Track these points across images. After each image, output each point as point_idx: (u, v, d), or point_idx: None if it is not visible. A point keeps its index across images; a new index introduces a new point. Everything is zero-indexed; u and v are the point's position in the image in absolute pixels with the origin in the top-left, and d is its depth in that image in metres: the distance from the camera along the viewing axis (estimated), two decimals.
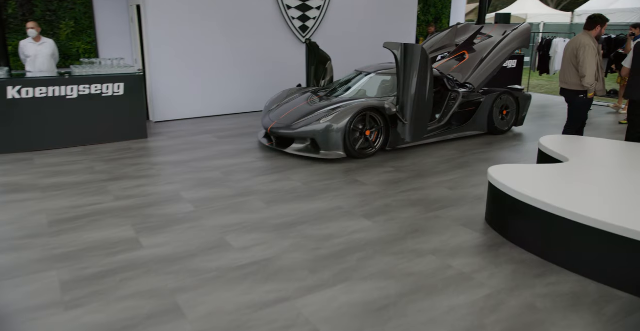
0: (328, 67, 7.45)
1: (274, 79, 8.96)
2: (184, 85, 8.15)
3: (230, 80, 8.57)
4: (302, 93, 6.92)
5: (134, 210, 4.29)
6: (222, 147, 6.42)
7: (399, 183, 4.99)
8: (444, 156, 6.01)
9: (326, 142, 5.63)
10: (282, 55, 8.93)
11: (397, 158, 5.92)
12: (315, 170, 5.41)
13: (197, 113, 8.41)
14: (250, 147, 6.45)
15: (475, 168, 5.53)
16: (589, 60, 4.98)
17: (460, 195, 4.63)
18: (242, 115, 8.74)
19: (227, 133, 7.22)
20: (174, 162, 5.77)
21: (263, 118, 6.53)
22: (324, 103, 6.21)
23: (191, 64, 8.13)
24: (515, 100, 7.14)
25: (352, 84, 6.68)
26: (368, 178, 5.16)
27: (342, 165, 5.63)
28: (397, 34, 10.29)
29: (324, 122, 5.62)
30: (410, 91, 5.63)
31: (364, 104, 5.72)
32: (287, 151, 5.92)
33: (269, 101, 6.90)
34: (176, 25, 7.85)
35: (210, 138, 6.95)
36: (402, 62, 5.58)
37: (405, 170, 5.45)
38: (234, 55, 8.48)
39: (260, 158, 5.91)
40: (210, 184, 4.96)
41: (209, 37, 8.17)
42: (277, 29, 8.77)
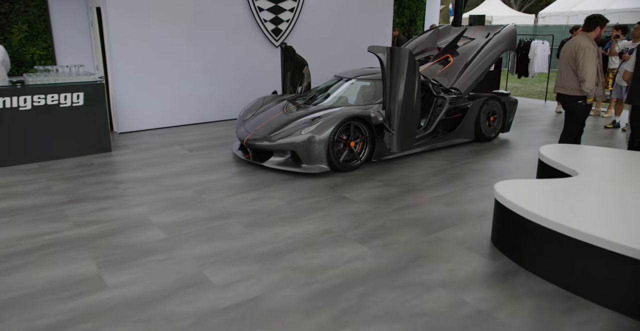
0: (305, 72, 7.02)
1: (246, 85, 8.47)
2: (150, 93, 7.58)
3: (199, 87, 8.03)
4: (278, 101, 6.47)
5: (96, 239, 3.75)
6: (193, 161, 5.89)
7: (390, 200, 4.59)
8: (433, 167, 5.66)
9: (308, 154, 5.19)
10: (254, 60, 8.46)
11: (383, 170, 5.53)
12: (298, 186, 4.97)
13: (165, 123, 7.84)
14: (225, 160, 5.95)
15: (469, 180, 5.19)
16: (589, 63, 4.72)
17: (459, 213, 4.27)
18: (214, 124, 8.21)
19: (198, 145, 6.69)
20: (141, 179, 5.22)
21: (237, 128, 6.04)
22: (303, 112, 5.78)
23: (157, 70, 7.56)
24: (502, 106, 6.88)
25: (332, 91, 6.27)
26: (356, 194, 4.75)
27: (326, 179, 5.20)
28: (373, 36, 9.95)
29: (305, 133, 5.19)
30: (397, 98, 5.25)
31: (348, 113, 5.32)
32: (265, 165, 5.45)
33: (243, 110, 6.42)
34: (140, 29, 7.27)
35: (181, 150, 6.41)
36: (388, 66, 5.21)
37: (394, 184, 5.07)
38: (203, 61, 7.95)
39: (237, 173, 5.43)
40: (182, 205, 4.45)
41: (176, 41, 7.62)
42: (249, 32, 8.28)
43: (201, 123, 8.19)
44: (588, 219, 3.03)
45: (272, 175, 5.33)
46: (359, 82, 6.22)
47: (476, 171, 5.51)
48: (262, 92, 8.52)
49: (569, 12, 23.86)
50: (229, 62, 8.20)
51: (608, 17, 20.55)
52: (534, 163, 5.80)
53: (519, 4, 36.51)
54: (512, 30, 6.86)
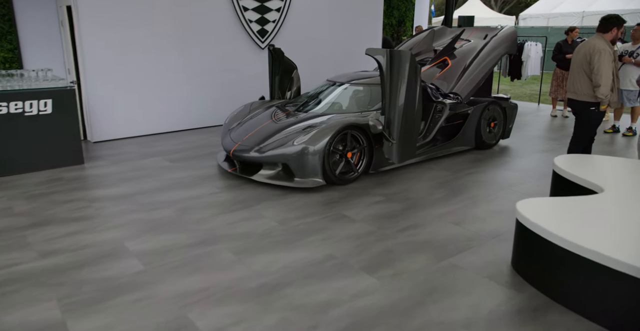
0: (294, 76, 6.57)
1: (230, 90, 7.98)
2: (126, 98, 7.03)
3: (180, 92, 7.52)
4: (266, 107, 6.01)
5: (62, 273, 3.25)
6: (175, 174, 5.39)
7: (394, 218, 4.17)
8: (435, 178, 5.26)
9: (302, 167, 4.75)
10: (239, 63, 7.97)
11: (382, 183, 5.12)
12: (291, 203, 4.52)
13: (143, 131, 7.31)
14: (209, 172, 5.46)
15: (475, 193, 4.80)
16: (605, 67, 4.37)
17: (470, 233, 3.87)
18: (197, 131, 7.70)
19: (180, 156, 6.18)
20: (116, 196, 4.71)
21: (223, 138, 5.56)
22: (295, 120, 5.33)
23: (134, 74, 7.02)
24: (503, 111, 6.53)
25: (324, 96, 5.83)
26: (356, 211, 4.32)
27: (321, 194, 4.76)
28: (362, 37, 9.56)
29: (298, 144, 4.74)
30: (397, 105, 4.84)
31: (344, 121, 4.89)
32: (253, 179, 4.99)
33: (229, 118, 5.93)
34: (116, 29, 6.73)
35: (161, 162, 5.90)
36: (387, 71, 4.79)
37: (396, 198, 4.65)
38: (184, 64, 7.43)
39: (222, 188, 4.95)
40: (162, 227, 3.97)
41: (156, 42, 7.10)
42: (233, 33, 7.80)
43: (183, 131, 7.67)
44: (629, 246, 2.65)
45: (261, 190, 4.87)
46: (353, 87, 5.80)
47: (481, 182, 5.13)
48: (248, 97, 8.04)
49: (549, 14, 23.95)
50: (212, 65, 7.70)
51: (586, 20, 20.39)
52: (540, 172, 5.46)
53: (499, 5, 36.66)
54: (512, 32, 6.52)
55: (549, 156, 6.21)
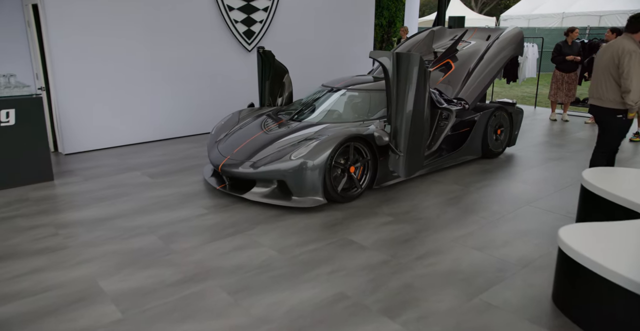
0: (285, 81, 6.05)
1: (215, 95, 7.42)
2: (101, 106, 6.43)
3: (161, 98, 6.93)
4: (256, 116, 5.48)
5: (20, 326, 2.68)
6: (156, 192, 4.83)
7: (408, 243, 3.69)
8: (445, 193, 4.81)
9: (300, 184, 4.24)
10: (224, 66, 7.41)
11: (388, 199, 4.64)
12: (290, 226, 4.00)
13: (120, 141, 6.70)
14: (195, 189, 4.91)
15: (492, 210, 4.36)
16: (636, 70, 3.97)
17: (498, 261, 3.41)
18: (180, 141, 7.11)
19: (161, 169, 5.61)
20: (89, 220, 4.13)
21: (210, 151, 5.02)
22: (289, 131, 4.83)
23: (110, 79, 6.42)
24: (509, 117, 6.12)
25: (320, 104, 5.32)
26: (364, 235, 3.83)
27: (322, 214, 4.26)
28: (355, 37, 9.09)
29: (296, 158, 4.23)
30: (405, 113, 4.37)
31: (346, 132, 4.40)
32: (245, 197, 4.46)
33: (216, 128, 5.39)
34: (88, 30, 6.12)
35: (140, 177, 5.32)
36: (394, 75, 4.32)
37: (406, 218, 4.18)
38: (164, 68, 6.85)
39: (211, 208, 4.40)
40: (144, 260, 3.41)
41: (132, 45, 6.51)
42: (218, 34, 7.24)
43: (165, 140, 7.08)
44: None
45: (255, 210, 4.34)
46: (351, 93, 5.31)
47: (495, 197, 4.69)
48: (234, 104, 7.50)
49: (529, 15, 23.94)
50: (195, 69, 7.13)
51: (565, 21, 20.31)
52: (556, 184, 5.05)
53: (480, 6, 36.72)
54: (518, 33, 6.12)
55: (560, 165, 5.82)
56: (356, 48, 9.12)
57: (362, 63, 9.30)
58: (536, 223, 4.08)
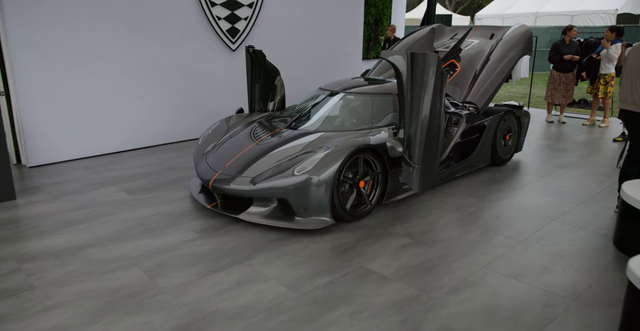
0: (277, 83, 5.52)
1: (197, 99, 6.82)
2: (70, 111, 5.75)
3: (137, 102, 6.28)
4: (248, 123, 4.93)
5: None
6: (137, 212, 4.23)
7: (434, 272, 3.22)
8: (460, 208, 4.36)
9: (305, 203, 3.72)
10: (206, 67, 6.81)
11: (400, 216, 4.17)
12: (296, 253, 3.48)
13: (93, 151, 6.04)
14: (181, 208, 4.33)
15: (517, 228, 3.93)
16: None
17: (542, 292, 2.97)
18: (158, 149, 6.49)
19: (140, 184, 5.00)
20: (59, 250, 3.51)
21: (197, 164, 4.44)
22: (285, 140, 4.30)
23: (79, 81, 5.75)
24: (517, 121, 5.73)
25: (318, 109, 4.79)
26: (383, 263, 3.34)
27: (330, 236, 3.75)
28: (343, 36, 8.59)
29: (299, 174, 3.70)
30: (419, 120, 3.91)
31: (354, 143, 3.90)
32: (241, 218, 3.90)
33: (203, 137, 4.81)
34: (54, 27, 5.45)
35: (117, 193, 4.70)
36: (408, 78, 3.85)
37: (425, 240, 3.70)
38: (140, 69, 6.21)
39: (202, 232, 3.84)
40: (127, 304, 2.84)
41: (104, 43, 5.85)
42: (199, 33, 6.63)
43: (142, 149, 6.44)
44: None
45: (252, 233, 3.80)
46: (352, 97, 4.80)
47: (515, 212, 4.26)
48: (217, 108, 6.92)
49: (503, 15, 24.02)
50: (175, 70, 6.51)
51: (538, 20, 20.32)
52: (578, 195, 4.66)
53: (453, 5, 36.79)
54: (526, 31, 5.73)
55: (572, 173, 5.46)
56: (346, 47, 8.64)
57: (353, 62, 8.83)
58: (569, 243, 3.67)
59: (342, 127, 4.49)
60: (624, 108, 4.06)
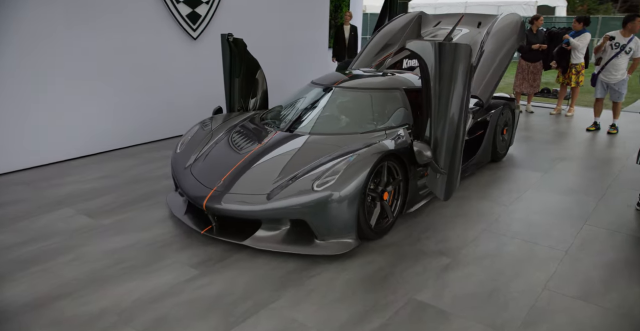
0: (259, 77, 4.82)
1: (152, 96, 5.89)
2: (6, 112, 4.69)
3: (83, 101, 5.27)
4: (233, 126, 4.18)
5: None
6: (108, 243, 3.41)
7: (494, 298, 2.75)
8: (483, 215, 3.95)
9: (328, 223, 3.12)
10: (163, 59, 5.89)
11: (424, 228, 3.68)
12: (327, 287, 2.88)
13: (36, 160, 5.00)
14: (163, 234, 3.56)
15: (554, 237, 3.57)
16: None
17: (618, 317, 2.60)
18: (116, 155, 5.54)
19: (103, 202, 4.13)
20: (15, 308, 2.66)
21: (180, 179, 3.67)
22: (289, 147, 3.65)
23: (17, 74, 4.69)
24: (512, 114, 5.43)
25: (317, 108, 4.13)
26: (433, 292, 2.82)
27: (358, 260, 3.18)
28: (309, 22, 7.94)
29: (321, 188, 3.09)
30: (447, 121, 3.42)
31: (378, 149, 3.35)
32: (248, 245, 3.22)
33: (182, 145, 4.03)
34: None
35: (75, 217, 3.82)
36: (436, 72, 3.33)
37: (466, 258, 3.24)
38: (84, 62, 5.19)
39: (201, 266, 3.12)
40: None
41: (42, 33, 4.80)
42: (154, 18, 5.69)
43: (94, 156, 5.45)
44: None
45: (264, 262, 3.14)
46: (356, 93, 4.19)
47: (541, 216, 3.91)
48: (177, 105, 6.08)
49: (435, 4, 24.36)
50: (125, 64, 5.53)
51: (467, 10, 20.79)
52: (590, 193, 4.45)
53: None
54: (517, 20, 5.35)
55: (570, 167, 5.26)
56: (313, 34, 8.01)
57: (320, 50, 8.23)
58: (614, 251, 3.36)
59: (351, 129, 3.87)
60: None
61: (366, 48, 5.75)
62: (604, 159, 5.57)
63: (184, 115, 6.09)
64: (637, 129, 7.05)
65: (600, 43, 6.54)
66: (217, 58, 6.35)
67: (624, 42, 6.38)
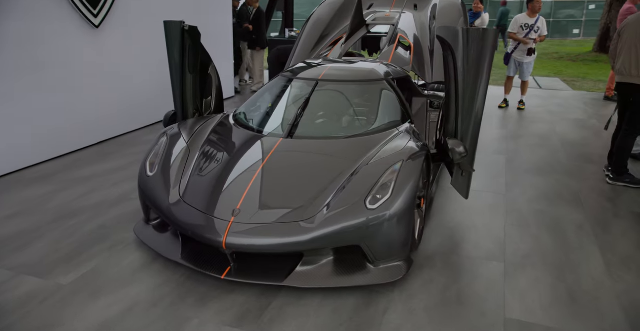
0: (212, 73, 4.00)
1: (47, 100, 4.58)
2: None
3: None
4: (214, 136, 3.36)
5: None
6: (87, 315, 2.47)
7: (582, 307, 2.59)
8: (494, 207, 3.81)
9: (388, 244, 2.65)
10: (58, 53, 4.59)
11: (450, 232, 3.40)
12: (413, 322, 2.43)
13: None
14: (158, 286, 2.71)
15: (599, 241, 3.56)
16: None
17: None
18: (14, 179, 4.22)
19: (41, 251, 3.04)
20: None
21: (168, 211, 2.80)
22: (298, 157, 3.06)
23: None
24: None
25: (306, 107, 3.45)
26: (520, 306, 2.55)
27: (415, 280, 2.78)
28: (212, 5, 7.03)
29: (376, 206, 2.59)
30: (473, 114, 3.14)
31: (413, 151, 2.96)
32: (292, 285, 2.58)
33: (151, 166, 3.11)
34: None
35: (15, 279, 2.73)
36: (465, 61, 3.01)
37: (511, 256, 3.03)
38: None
39: (242, 324, 2.41)
40: None
41: None
42: (46, 3, 4.38)
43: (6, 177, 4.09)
44: None
45: (316, 304, 2.55)
46: (349, 87, 3.66)
47: (547, 204, 3.91)
48: (80, 110, 4.89)
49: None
50: (8, 60, 4.20)
51: None
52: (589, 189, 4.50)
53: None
54: (458, 2, 5.29)
55: (522, 145, 5.44)
56: (216, 19, 7.11)
57: (223, 37, 7.38)
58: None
59: (362, 129, 3.33)
60: (628, 82, 3.99)
61: (300, 43, 5.17)
62: (541, 135, 5.86)
63: (90, 123, 4.93)
64: (539, 104, 7.67)
65: (511, 32, 6.91)
66: (126, 51, 5.28)
67: (532, 22, 6.80)
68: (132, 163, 4.64)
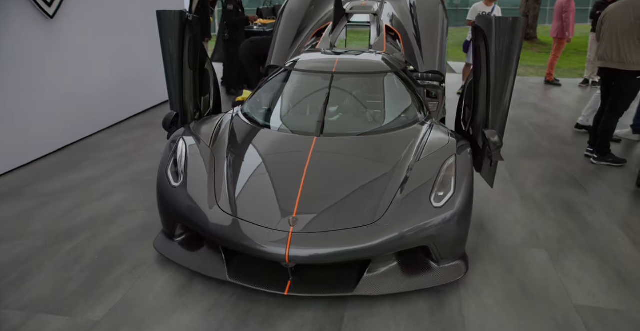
0: (208, 68, 3.65)
1: (3, 98, 3.99)
2: None
3: None
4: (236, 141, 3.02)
5: None
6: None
7: (625, 280, 2.68)
8: (503, 193, 3.86)
9: (454, 243, 2.58)
10: (11, 47, 3.96)
11: (478, 222, 3.39)
12: (491, 319, 2.37)
13: None
14: (205, 310, 2.42)
15: (621, 241, 3.70)
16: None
17: None
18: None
19: (47, 285, 2.60)
20: None
21: (217, 227, 2.47)
22: (342, 157, 2.88)
23: None
24: None
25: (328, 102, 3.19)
26: (583, 293, 2.59)
27: (475, 275, 2.72)
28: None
29: (442, 204, 2.49)
30: (502, 105, 3.13)
31: (456, 142, 2.89)
32: (360, 294, 2.40)
33: (174, 175, 2.75)
34: None
35: (34, 320, 2.31)
36: (498, 52, 2.97)
37: (555, 243, 3.08)
38: None
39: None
40: None
41: None
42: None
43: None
44: None
45: (388, 311, 2.41)
46: (369, 80, 3.50)
47: (547, 188, 4.04)
48: (41, 111, 4.31)
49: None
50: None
51: None
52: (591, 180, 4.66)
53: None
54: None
55: None
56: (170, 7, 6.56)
57: None
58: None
59: (396, 124, 3.16)
60: (609, 67, 4.19)
61: (278, 36, 4.89)
62: (510, 120, 6.04)
63: (56, 125, 4.35)
64: None
65: (470, 20, 7.07)
66: (85, 45, 4.73)
67: (488, 10, 7.00)
68: (110, 171, 4.15)
